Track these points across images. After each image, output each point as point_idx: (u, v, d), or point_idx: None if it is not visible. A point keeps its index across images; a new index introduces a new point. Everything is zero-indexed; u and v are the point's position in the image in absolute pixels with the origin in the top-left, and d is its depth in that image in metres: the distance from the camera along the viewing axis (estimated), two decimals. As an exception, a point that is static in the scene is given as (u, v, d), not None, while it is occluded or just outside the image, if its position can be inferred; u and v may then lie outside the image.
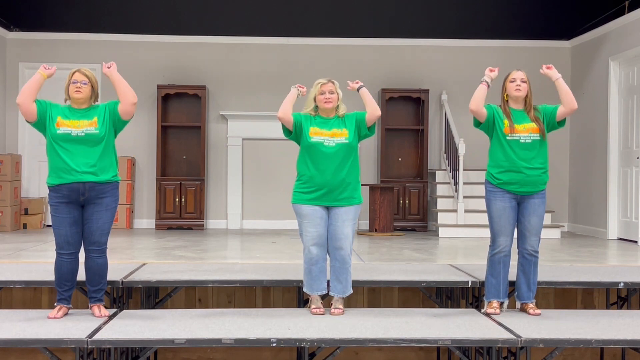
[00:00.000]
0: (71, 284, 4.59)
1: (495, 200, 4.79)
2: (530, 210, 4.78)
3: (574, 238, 9.25)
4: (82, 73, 4.55)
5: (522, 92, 4.78)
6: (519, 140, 4.73)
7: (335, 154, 4.71)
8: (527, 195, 4.78)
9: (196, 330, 4.22)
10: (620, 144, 9.11)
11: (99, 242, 4.56)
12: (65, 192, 4.47)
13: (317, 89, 4.79)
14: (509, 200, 4.77)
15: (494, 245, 4.84)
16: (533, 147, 4.74)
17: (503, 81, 4.90)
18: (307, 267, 4.77)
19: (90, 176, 4.46)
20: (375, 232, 9.29)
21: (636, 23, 8.64)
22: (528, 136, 4.73)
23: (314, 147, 4.72)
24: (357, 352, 5.39)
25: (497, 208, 4.78)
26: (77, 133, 4.47)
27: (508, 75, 4.88)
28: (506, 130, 4.76)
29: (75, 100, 4.54)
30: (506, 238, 4.79)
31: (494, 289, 4.85)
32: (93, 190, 4.48)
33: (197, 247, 7.67)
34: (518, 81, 4.79)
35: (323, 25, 10.31)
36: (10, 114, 10.13)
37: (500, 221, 4.78)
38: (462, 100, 10.41)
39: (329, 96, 4.75)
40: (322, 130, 4.74)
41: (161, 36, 10.31)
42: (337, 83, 4.83)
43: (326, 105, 4.75)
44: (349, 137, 4.74)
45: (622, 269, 5.95)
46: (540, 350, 4.72)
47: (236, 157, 10.33)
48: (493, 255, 4.84)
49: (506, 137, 4.76)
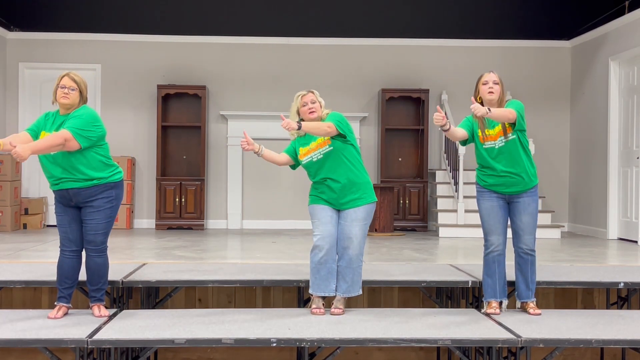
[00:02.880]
0: (72, 282, 4.59)
1: (483, 200, 4.87)
2: (521, 208, 4.80)
3: (574, 238, 9.25)
4: (71, 78, 4.49)
5: (495, 95, 4.73)
6: (494, 147, 4.76)
7: (326, 163, 4.74)
8: (515, 195, 4.81)
9: (196, 330, 4.22)
10: (620, 144, 9.11)
11: (94, 241, 4.55)
12: (58, 198, 4.57)
13: (299, 101, 4.80)
14: (496, 200, 4.82)
15: (486, 245, 4.88)
16: (507, 150, 4.74)
17: (476, 84, 4.84)
18: (315, 267, 4.74)
19: (70, 183, 4.45)
20: (375, 232, 9.29)
21: (636, 23, 8.64)
22: (500, 140, 4.74)
23: (308, 166, 4.82)
24: (357, 352, 5.39)
25: (486, 207, 4.84)
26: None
27: (480, 77, 4.81)
28: (481, 138, 4.80)
29: (62, 106, 4.50)
30: (498, 237, 4.82)
31: (491, 288, 4.87)
32: (79, 195, 4.48)
33: (197, 247, 7.67)
34: (490, 83, 4.74)
35: (323, 25, 10.31)
36: (10, 114, 10.13)
37: (490, 220, 4.83)
38: (462, 100, 10.41)
39: (312, 106, 4.76)
40: (306, 148, 4.81)
41: (161, 36, 10.31)
42: (317, 92, 4.84)
43: (311, 116, 4.76)
44: (332, 144, 4.73)
45: (622, 269, 5.95)
46: (540, 350, 4.72)
47: (236, 157, 10.33)
48: (487, 254, 4.88)
49: (483, 145, 4.80)
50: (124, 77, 10.27)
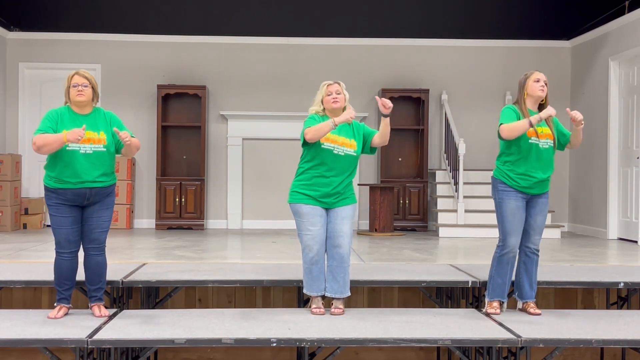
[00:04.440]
0: (71, 283, 4.60)
1: (509, 199, 4.74)
2: (538, 209, 4.80)
3: (574, 238, 9.25)
4: (82, 75, 4.50)
5: (545, 93, 4.76)
6: (539, 145, 4.72)
7: (342, 163, 4.75)
8: (535, 195, 4.80)
9: (196, 330, 4.22)
10: (620, 144, 9.11)
11: (98, 239, 4.57)
12: (70, 196, 4.47)
13: (324, 90, 4.81)
14: (521, 200, 4.75)
15: (503, 245, 4.78)
16: (548, 153, 4.76)
17: (524, 80, 4.81)
18: (308, 267, 4.76)
19: (97, 184, 4.49)
20: (375, 232, 9.29)
21: (636, 23, 8.64)
22: (545, 142, 4.73)
23: (325, 152, 4.72)
24: (357, 352, 5.39)
25: (511, 208, 4.73)
26: (85, 150, 4.43)
27: (530, 74, 4.80)
28: (529, 133, 4.69)
29: (78, 104, 4.50)
30: (517, 238, 4.77)
31: (500, 289, 4.83)
32: (98, 194, 4.53)
33: (197, 247, 7.67)
34: (542, 82, 4.76)
35: (323, 25, 10.31)
36: (10, 114, 10.13)
37: (514, 221, 4.73)
38: (462, 100, 10.42)
39: (336, 96, 4.77)
40: (333, 136, 4.73)
41: (161, 36, 10.31)
42: (343, 84, 4.85)
43: (334, 105, 4.76)
44: (357, 150, 4.79)
45: (622, 269, 5.95)
46: (540, 350, 4.72)
47: (236, 157, 10.33)
48: (502, 255, 4.80)
49: (528, 141, 4.70)
50: (124, 77, 10.27)
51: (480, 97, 10.45)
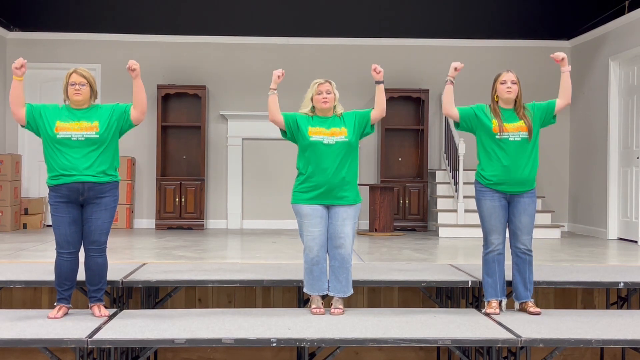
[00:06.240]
0: (71, 283, 4.60)
1: (485, 199, 4.84)
2: (521, 209, 4.81)
3: (574, 238, 9.25)
4: (80, 74, 4.51)
5: (513, 94, 4.79)
6: (508, 139, 4.75)
7: (335, 152, 4.72)
8: (516, 195, 4.82)
9: (196, 330, 4.22)
10: (620, 144, 9.11)
11: (98, 241, 4.56)
12: (65, 192, 4.48)
13: (315, 88, 4.80)
14: (498, 199, 4.81)
15: (486, 244, 4.88)
16: (522, 146, 4.76)
17: (493, 82, 4.91)
18: (308, 267, 4.76)
19: (89, 177, 4.46)
20: (375, 232, 9.29)
21: (636, 23, 8.64)
22: (517, 134, 4.76)
23: (314, 145, 4.72)
24: (357, 352, 5.39)
25: (487, 207, 4.82)
26: (77, 137, 4.46)
27: (498, 76, 4.88)
28: (495, 129, 4.77)
29: (75, 102, 4.53)
30: (498, 236, 4.82)
31: (491, 288, 4.87)
32: (92, 190, 4.49)
33: (197, 247, 7.67)
34: (509, 83, 4.80)
35: (323, 25, 10.31)
36: (10, 114, 10.09)
37: (491, 220, 4.81)
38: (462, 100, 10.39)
39: (326, 96, 4.76)
40: (321, 129, 4.75)
41: (161, 36, 10.31)
42: (334, 83, 4.84)
43: (323, 105, 4.76)
44: (348, 135, 4.76)
45: (622, 269, 5.95)
46: (540, 350, 4.72)
47: (236, 157, 10.33)
48: (487, 254, 4.88)
49: (495, 137, 4.77)
50: (124, 77, 10.16)
51: (481, 97, 10.38)
